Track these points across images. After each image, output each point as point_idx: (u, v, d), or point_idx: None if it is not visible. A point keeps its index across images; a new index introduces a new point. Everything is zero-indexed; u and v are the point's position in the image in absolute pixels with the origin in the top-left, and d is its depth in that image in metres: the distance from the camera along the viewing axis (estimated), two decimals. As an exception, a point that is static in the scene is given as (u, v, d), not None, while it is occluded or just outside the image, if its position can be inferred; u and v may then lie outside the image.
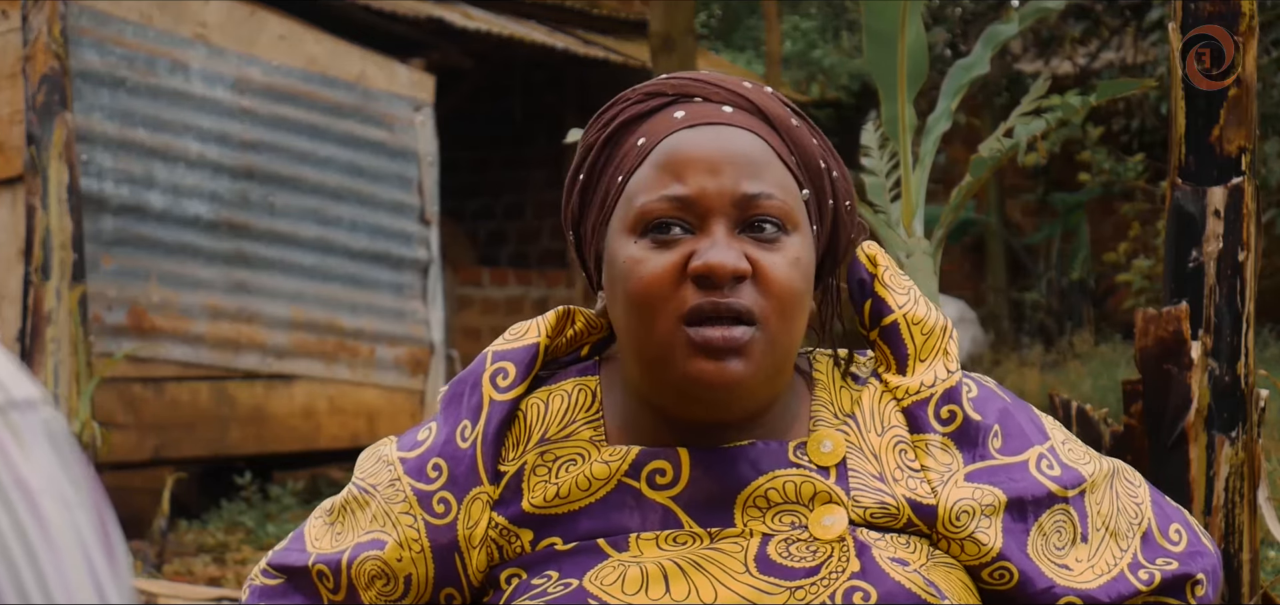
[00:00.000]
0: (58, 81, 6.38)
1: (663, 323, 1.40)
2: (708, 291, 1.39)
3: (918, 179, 3.53)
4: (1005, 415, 1.52)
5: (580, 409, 1.51)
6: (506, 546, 1.49)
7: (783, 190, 1.43)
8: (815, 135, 1.50)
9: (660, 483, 1.46)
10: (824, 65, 14.26)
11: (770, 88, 1.52)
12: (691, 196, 1.41)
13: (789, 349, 1.44)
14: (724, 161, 1.42)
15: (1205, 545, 1.59)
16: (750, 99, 1.47)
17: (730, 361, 1.39)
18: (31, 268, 6.31)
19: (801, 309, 1.43)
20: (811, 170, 1.47)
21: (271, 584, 1.58)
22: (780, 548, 1.43)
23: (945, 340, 1.53)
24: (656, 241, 1.42)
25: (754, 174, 1.43)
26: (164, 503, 6.93)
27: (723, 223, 1.41)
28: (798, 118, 1.49)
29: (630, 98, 1.50)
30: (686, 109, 1.46)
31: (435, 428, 1.54)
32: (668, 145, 1.44)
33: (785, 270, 1.41)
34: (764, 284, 1.40)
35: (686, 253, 1.40)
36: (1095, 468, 1.55)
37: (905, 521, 1.46)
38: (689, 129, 1.44)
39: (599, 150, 1.49)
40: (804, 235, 1.44)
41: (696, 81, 1.49)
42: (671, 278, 1.40)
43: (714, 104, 1.47)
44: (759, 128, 1.46)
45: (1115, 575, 1.52)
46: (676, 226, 1.42)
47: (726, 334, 1.39)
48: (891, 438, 1.49)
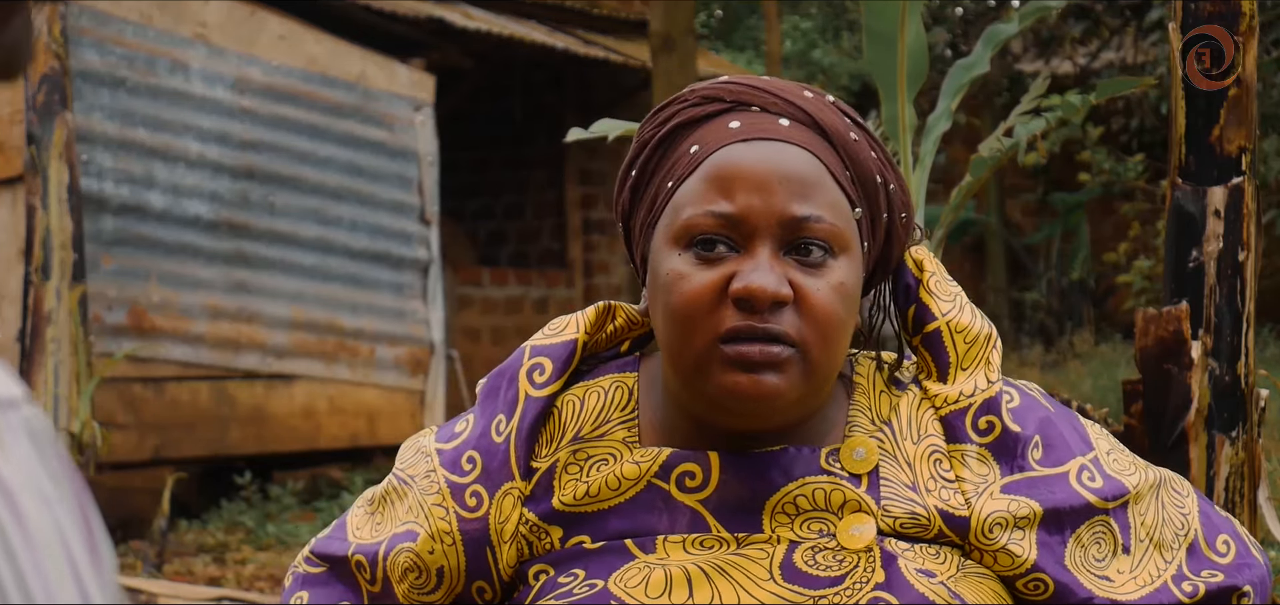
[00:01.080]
0: (58, 81, 6.37)
1: (700, 339, 1.39)
2: (747, 315, 1.38)
3: (918, 179, 3.53)
4: (1047, 425, 1.49)
5: (615, 407, 1.51)
6: (536, 543, 1.49)
7: (833, 211, 1.41)
8: (875, 147, 1.46)
9: (690, 486, 1.45)
10: (824, 65, 14.25)
11: (831, 97, 1.48)
12: (738, 215, 1.39)
13: (829, 371, 1.42)
14: (774, 180, 1.40)
15: (1254, 556, 1.57)
16: (809, 112, 1.43)
17: (766, 375, 1.38)
18: (31, 268, 6.31)
19: (844, 333, 1.41)
20: (867, 186, 1.44)
21: (314, 572, 1.59)
22: (806, 555, 1.42)
23: (988, 349, 1.50)
24: (700, 257, 1.40)
25: (804, 195, 1.40)
26: (164, 503, 6.93)
27: (768, 244, 1.39)
28: (857, 130, 1.46)
29: (688, 99, 1.47)
30: (742, 118, 1.43)
31: (472, 420, 1.54)
32: (718, 158, 1.41)
33: (828, 296, 1.39)
34: (806, 310, 1.38)
35: (729, 273, 1.39)
36: (1140, 478, 1.53)
37: (936, 532, 1.44)
38: (742, 143, 1.42)
39: (653, 150, 1.47)
40: (852, 257, 1.42)
41: (755, 90, 1.45)
42: (712, 296, 1.39)
43: (771, 115, 1.43)
44: (814, 144, 1.43)
45: (1158, 587, 1.50)
46: (721, 243, 1.40)
47: (764, 350, 1.37)
48: (927, 447, 1.47)
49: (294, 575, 1.61)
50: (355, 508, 1.61)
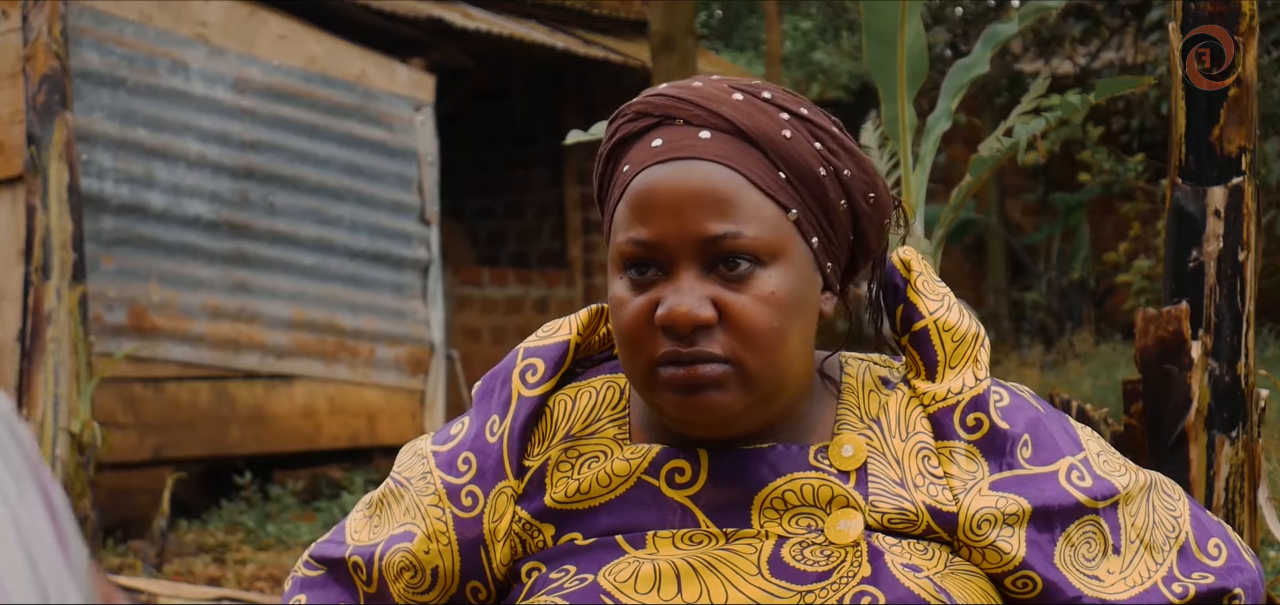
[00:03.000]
0: (58, 81, 6.37)
1: (640, 363, 1.42)
2: (674, 340, 1.39)
3: (918, 179, 3.53)
4: (1036, 425, 1.50)
5: (607, 406, 1.52)
6: (529, 541, 1.50)
7: (756, 222, 1.40)
8: (818, 138, 1.44)
9: (679, 482, 1.46)
10: (824, 65, 14.26)
11: (770, 92, 1.46)
12: (655, 240, 1.40)
13: (777, 377, 1.42)
14: (688, 201, 1.39)
15: (1246, 560, 1.57)
16: (732, 120, 1.42)
17: (708, 394, 1.39)
18: (32, 268, 6.31)
19: (784, 338, 1.41)
20: (807, 181, 1.42)
21: (312, 575, 1.62)
22: (794, 551, 1.43)
23: (976, 348, 1.51)
24: (634, 281, 1.42)
25: (720, 212, 1.39)
26: (164, 503, 6.93)
27: (690, 265, 1.40)
28: (796, 124, 1.44)
29: (627, 113, 1.47)
30: (665, 135, 1.43)
31: (467, 422, 1.56)
32: (638, 183, 1.42)
33: (755, 309, 1.39)
34: (732, 326, 1.39)
35: (657, 298, 1.40)
36: (1131, 480, 1.53)
37: (924, 528, 1.45)
38: (660, 164, 1.41)
39: (604, 166, 1.48)
40: (789, 261, 1.41)
41: (680, 102, 1.44)
42: (645, 322, 1.40)
43: (693, 128, 1.42)
44: (735, 154, 1.41)
45: (1148, 588, 1.50)
46: (651, 267, 1.41)
47: (690, 373, 1.39)
48: (915, 444, 1.48)
49: (293, 580, 1.64)
50: (354, 512, 1.63)
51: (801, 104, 1.47)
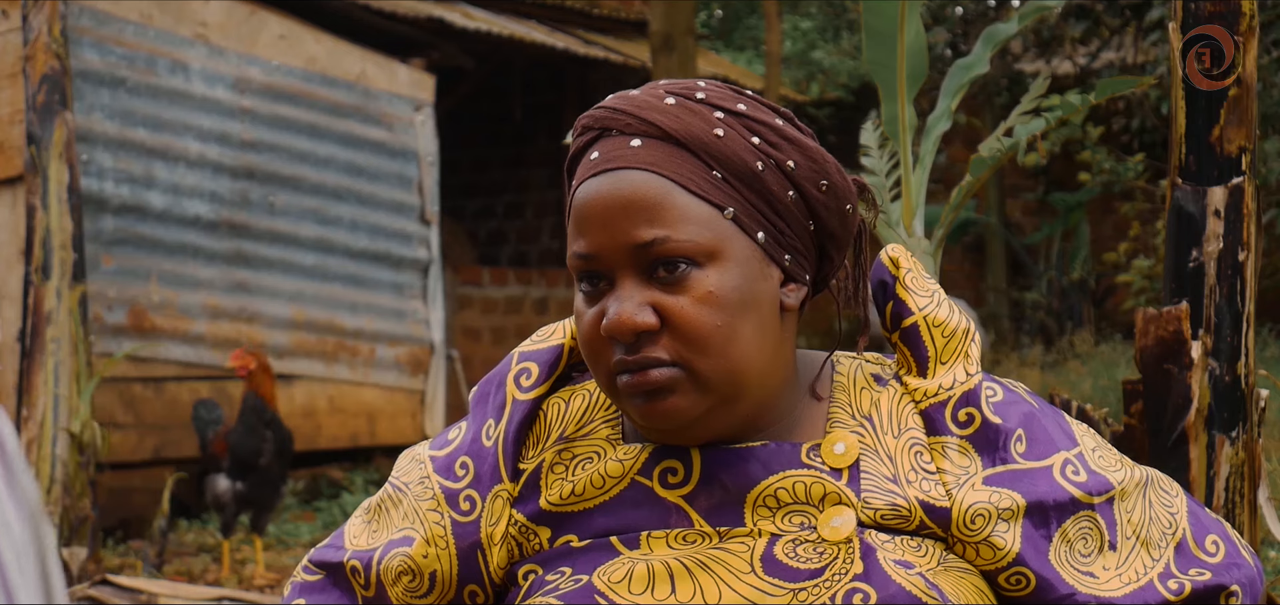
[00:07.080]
0: (58, 81, 6.38)
1: (600, 374, 1.45)
2: (622, 349, 1.41)
3: (918, 179, 3.53)
4: (1030, 420, 1.50)
5: (600, 408, 1.53)
6: (526, 544, 1.51)
7: (688, 223, 1.41)
8: (756, 133, 1.44)
9: (672, 481, 1.47)
10: (824, 65, 14.25)
11: (705, 92, 1.46)
12: (592, 253, 1.42)
13: (732, 374, 1.42)
14: (617, 211, 1.41)
15: (1244, 558, 1.56)
16: (661, 125, 1.43)
17: (664, 399, 1.41)
18: (32, 268, 6.31)
19: (729, 337, 1.41)
20: (743, 178, 1.43)
21: (311, 580, 1.62)
22: (787, 548, 1.43)
23: (966, 343, 1.51)
24: (586, 294, 1.44)
25: (649, 218, 1.41)
26: (164, 503, 6.93)
27: (627, 274, 1.42)
28: (731, 122, 1.44)
29: (578, 127, 1.49)
30: (601, 147, 1.45)
31: (464, 427, 1.57)
32: (578, 197, 1.45)
33: (694, 310, 1.40)
34: (673, 329, 1.41)
35: (604, 309, 1.43)
36: (1126, 476, 1.53)
37: (918, 524, 1.45)
38: (593, 177, 1.43)
39: (566, 179, 1.51)
40: (729, 259, 1.42)
41: (615, 112, 1.45)
42: (597, 332, 1.43)
43: (625, 137, 1.44)
44: (664, 159, 1.42)
45: (1144, 584, 1.50)
46: (599, 278, 1.43)
47: (641, 378, 1.41)
48: (908, 440, 1.48)
49: (293, 584, 1.64)
50: (353, 517, 1.64)
51: (739, 100, 1.47)
